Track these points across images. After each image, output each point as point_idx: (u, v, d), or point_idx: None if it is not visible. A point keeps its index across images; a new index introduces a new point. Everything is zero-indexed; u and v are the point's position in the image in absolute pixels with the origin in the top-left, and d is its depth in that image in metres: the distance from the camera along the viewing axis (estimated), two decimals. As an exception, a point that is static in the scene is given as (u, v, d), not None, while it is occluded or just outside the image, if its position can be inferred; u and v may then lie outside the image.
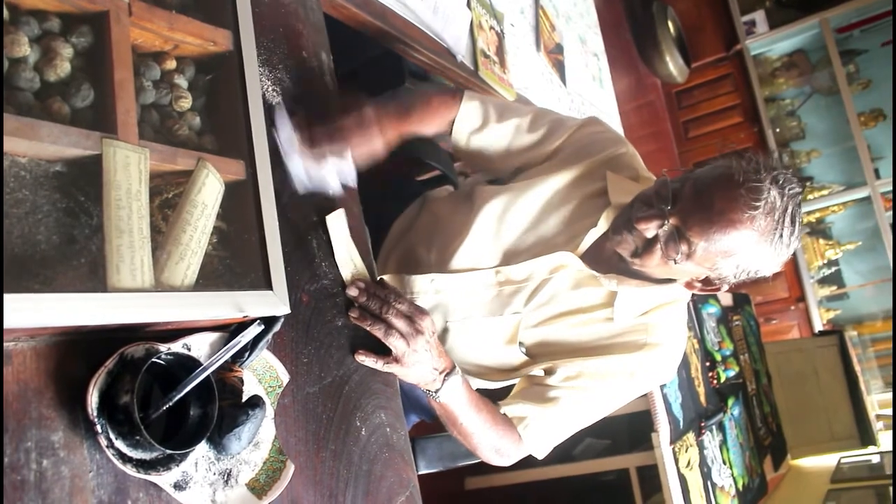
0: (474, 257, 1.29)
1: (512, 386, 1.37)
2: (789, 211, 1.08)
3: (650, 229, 1.11)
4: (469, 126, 1.33)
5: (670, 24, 4.90)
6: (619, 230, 1.17)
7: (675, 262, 1.12)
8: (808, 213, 5.19)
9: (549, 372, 1.28)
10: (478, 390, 1.23)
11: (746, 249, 1.09)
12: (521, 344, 1.29)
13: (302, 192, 1.02)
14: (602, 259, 1.24)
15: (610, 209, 1.23)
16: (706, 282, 1.19)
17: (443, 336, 1.31)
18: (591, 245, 1.24)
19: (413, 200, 1.49)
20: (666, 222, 1.10)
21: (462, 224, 1.31)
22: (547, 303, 1.26)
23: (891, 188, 4.93)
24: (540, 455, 1.30)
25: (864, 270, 5.22)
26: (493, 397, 1.28)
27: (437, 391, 1.11)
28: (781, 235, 1.08)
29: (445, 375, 1.11)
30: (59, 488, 0.66)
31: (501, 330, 1.28)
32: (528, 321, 1.27)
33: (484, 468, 2.70)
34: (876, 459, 3.51)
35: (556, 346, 1.28)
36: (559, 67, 2.20)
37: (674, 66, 4.87)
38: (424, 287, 1.30)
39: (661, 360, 1.28)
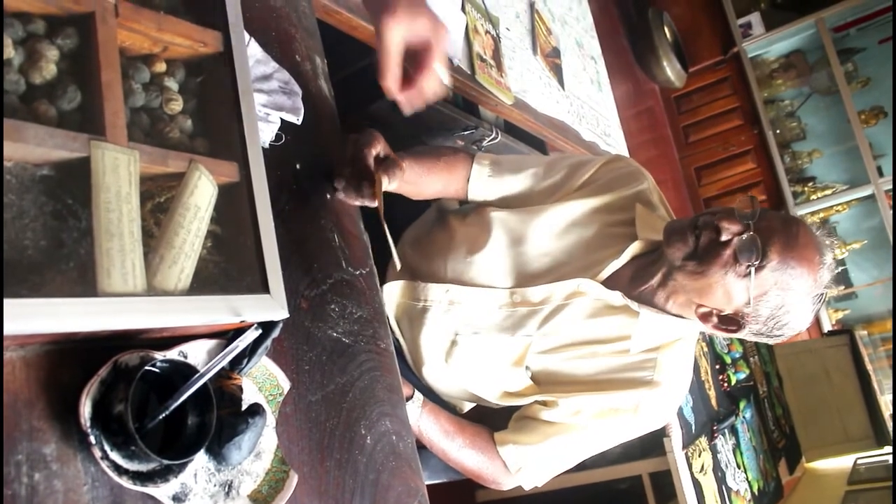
0: (491, 274, 1.28)
1: (511, 408, 1.35)
2: (827, 284, 1.15)
3: (731, 230, 1.12)
4: (485, 182, 1.34)
5: (666, 30, 4.88)
6: (681, 231, 1.16)
7: (740, 269, 1.12)
8: (813, 213, 5.15)
9: (550, 405, 1.26)
10: (477, 407, 1.23)
11: (799, 293, 1.13)
12: (527, 368, 1.27)
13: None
14: (619, 290, 1.24)
15: (637, 243, 1.23)
16: (725, 319, 1.18)
17: (450, 349, 1.29)
18: (610, 276, 1.24)
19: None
20: (748, 232, 1.12)
21: (478, 239, 1.30)
22: (559, 330, 1.25)
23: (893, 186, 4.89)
24: (539, 485, 1.33)
25: (872, 269, 5.16)
26: (495, 416, 1.27)
27: None
28: (820, 298, 1.15)
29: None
30: (52, 502, 0.63)
31: (510, 350, 1.27)
32: (538, 346, 1.26)
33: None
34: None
35: (561, 376, 1.27)
36: (557, 71, 2.18)
37: (671, 71, 4.85)
38: (439, 297, 1.28)
39: (662, 400, 1.28)
